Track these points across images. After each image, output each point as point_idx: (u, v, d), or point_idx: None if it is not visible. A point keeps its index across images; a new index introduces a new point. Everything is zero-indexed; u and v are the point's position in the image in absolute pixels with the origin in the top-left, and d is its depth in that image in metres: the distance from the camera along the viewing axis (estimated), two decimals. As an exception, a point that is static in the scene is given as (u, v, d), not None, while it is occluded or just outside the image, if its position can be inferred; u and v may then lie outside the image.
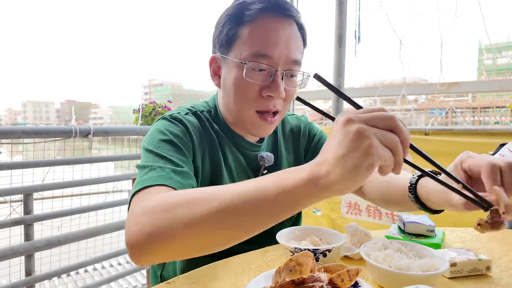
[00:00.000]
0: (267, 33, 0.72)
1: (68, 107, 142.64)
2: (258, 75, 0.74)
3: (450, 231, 0.93)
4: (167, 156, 0.67)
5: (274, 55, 0.73)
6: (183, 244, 0.50)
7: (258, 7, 0.73)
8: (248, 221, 0.48)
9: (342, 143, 0.42)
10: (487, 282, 0.64)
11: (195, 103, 0.90)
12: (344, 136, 0.42)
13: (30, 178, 1.90)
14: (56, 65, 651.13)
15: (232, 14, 0.75)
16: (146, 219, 0.51)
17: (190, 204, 0.49)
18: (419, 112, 21.41)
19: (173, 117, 0.78)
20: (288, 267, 0.54)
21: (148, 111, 2.52)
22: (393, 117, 0.43)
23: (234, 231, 0.49)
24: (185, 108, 0.85)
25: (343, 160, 0.42)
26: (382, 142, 0.42)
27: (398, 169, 0.44)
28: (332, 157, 0.43)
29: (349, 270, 0.51)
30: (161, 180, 0.60)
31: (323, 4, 3.36)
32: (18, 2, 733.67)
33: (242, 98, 0.76)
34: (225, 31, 0.76)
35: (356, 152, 0.41)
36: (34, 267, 1.88)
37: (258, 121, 0.78)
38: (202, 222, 0.48)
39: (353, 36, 2.47)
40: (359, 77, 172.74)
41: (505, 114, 7.63)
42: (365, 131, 0.41)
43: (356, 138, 0.41)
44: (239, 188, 0.48)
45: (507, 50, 7.25)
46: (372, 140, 0.41)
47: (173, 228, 0.49)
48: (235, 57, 0.75)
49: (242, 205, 0.47)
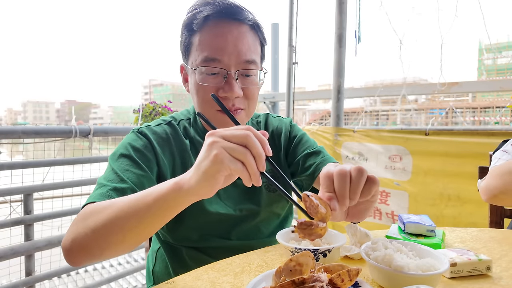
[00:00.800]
0: (214, 38, 0.77)
1: (68, 107, 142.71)
2: (212, 78, 0.79)
3: (450, 231, 0.93)
4: (119, 172, 0.75)
5: (223, 58, 0.77)
6: (97, 245, 0.60)
7: (204, 15, 0.77)
8: (135, 223, 0.58)
9: (200, 153, 0.53)
10: (487, 282, 0.64)
11: (177, 112, 0.98)
12: (203, 148, 0.53)
13: (30, 178, 1.90)
14: (56, 65, 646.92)
15: (186, 24, 0.81)
16: (71, 229, 0.63)
17: (96, 214, 0.61)
18: (419, 112, 21.41)
19: (140, 131, 0.84)
20: (288, 267, 0.54)
21: (148, 111, 2.52)
22: (248, 135, 0.51)
23: (129, 232, 0.59)
24: (161, 118, 0.91)
25: (198, 168, 0.52)
26: (230, 154, 0.50)
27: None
28: (193, 166, 0.54)
29: (349, 270, 0.50)
30: (99, 198, 0.68)
31: (323, 4, 3.37)
32: (18, 2, 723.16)
33: (201, 101, 0.81)
34: (183, 41, 0.83)
35: (206, 160, 0.51)
36: (34, 267, 1.89)
37: (221, 117, 0.81)
38: (104, 227, 0.59)
39: (353, 36, 2.48)
40: (359, 77, 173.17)
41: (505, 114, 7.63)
42: (215, 144, 0.51)
43: (208, 149, 0.51)
44: (132, 196, 0.60)
45: (507, 50, 7.25)
46: (219, 150, 0.50)
47: (87, 234, 0.60)
48: (191, 64, 0.81)
49: (128, 211, 0.58)
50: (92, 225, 0.60)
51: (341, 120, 2.59)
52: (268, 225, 0.95)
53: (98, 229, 0.59)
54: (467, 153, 1.96)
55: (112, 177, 0.74)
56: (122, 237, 0.59)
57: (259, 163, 0.51)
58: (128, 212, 0.58)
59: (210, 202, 0.86)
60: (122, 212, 0.58)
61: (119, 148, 0.81)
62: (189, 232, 0.87)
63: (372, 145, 2.34)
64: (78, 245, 0.61)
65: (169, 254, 0.91)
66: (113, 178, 0.74)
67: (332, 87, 2.59)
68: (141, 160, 0.79)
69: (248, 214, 0.91)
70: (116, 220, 0.58)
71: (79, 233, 0.61)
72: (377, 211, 2.33)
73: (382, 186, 2.29)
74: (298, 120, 21.04)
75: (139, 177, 0.76)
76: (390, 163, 2.26)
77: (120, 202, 0.60)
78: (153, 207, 0.57)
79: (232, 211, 0.88)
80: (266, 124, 1.03)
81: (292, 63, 2.81)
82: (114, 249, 0.61)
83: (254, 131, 0.52)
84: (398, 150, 2.22)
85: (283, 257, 0.75)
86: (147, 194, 0.58)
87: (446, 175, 2.04)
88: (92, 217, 0.61)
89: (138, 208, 0.58)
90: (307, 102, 24.79)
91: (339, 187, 0.55)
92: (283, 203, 0.98)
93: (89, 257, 0.62)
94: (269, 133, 1.01)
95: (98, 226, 0.59)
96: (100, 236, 0.59)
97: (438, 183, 2.07)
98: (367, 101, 19.11)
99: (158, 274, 0.94)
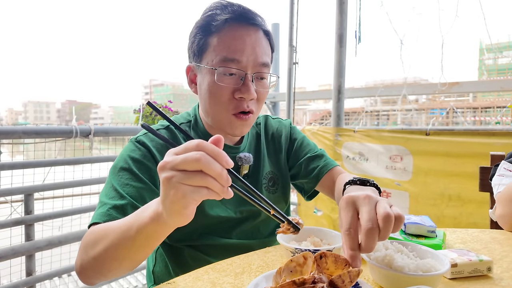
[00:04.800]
0: (233, 40, 0.79)
1: (68, 107, 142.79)
2: (229, 79, 0.80)
3: (451, 232, 0.92)
4: (118, 187, 0.75)
5: (242, 59, 0.79)
6: (99, 271, 0.65)
7: (224, 18, 0.79)
8: (126, 253, 0.61)
9: (161, 190, 0.50)
10: (488, 283, 0.64)
11: (177, 115, 0.99)
12: (161, 183, 0.49)
13: (31, 178, 1.90)
14: (57, 65, 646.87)
15: (202, 25, 0.82)
16: (78, 254, 0.68)
17: (94, 244, 0.64)
18: (420, 112, 21.39)
19: (138, 140, 0.84)
20: (289, 268, 0.54)
21: (149, 111, 2.52)
22: (200, 158, 0.46)
23: (124, 260, 0.62)
24: (160, 123, 0.92)
25: (164, 205, 0.51)
26: (190, 185, 0.47)
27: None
28: (160, 201, 0.52)
29: (350, 271, 0.50)
30: (100, 218, 0.71)
31: (323, 4, 3.37)
32: (19, 2, 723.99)
33: (216, 102, 0.82)
34: (197, 41, 0.83)
35: (167, 200, 0.49)
36: (35, 267, 1.89)
37: (234, 121, 0.83)
38: (101, 257, 0.63)
39: (354, 36, 2.48)
40: (360, 77, 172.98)
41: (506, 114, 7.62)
42: (170, 180, 0.47)
43: (165, 187, 0.48)
44: (122, 225, 0.61)
45: (508, 50, 7.24)
46: (176, 188, 0.47)
47: (89, 262, 0.65)
48: (207, 64, 0.81)
49: (118, 243, 0.60)
50: (92, 255, 0.64)
51: (342, 120, 2.59)
52: (267, 225, 0.97)
53: (97, 258, 0.63)
54: (468, 153, 1.95)
55: (112, 193, 0.75)
56: (118, 264, 0.63)
57: (221, 182, 0.48)
58: (118, 243, 0.60)
59: (211, 206, 0.86)
60: (113, 243, 0.61)
61: (119, 160, 0.81)
62: (189, 232, 0.87)
63: (372, 145, 2.34)
64: (85, 270, 0.66)
65: (169, 254, 0.92)
66: (113, 195, 0.75)
67: (332, 87, 2.58)
68: (141, 171, 0.79)
69: (248, 215, 0.92)
70: (110, 251, 0.62)
71: (83, 260, 0.66)
72: (377, 211, 2.33)
73: (383, 186, 2.29)
74: (299, 120, 21.03)
75: (139, 190, 0.76)
76: (390, 163, 2.26)
77: (112, 232, 0.62)
78: (137, 239, 0.58)
79: (232, 213, 0.89)
80: (265, 126, 1.04)
81: (293, 63, 2.81)
82: (116, 273, 0.66)
83: (206, 148, 0.47)
84: (399, 150, 2.22)
85: (284, 257, 0.75)
86: (130, 225, 0.59)
87: (446, 175, 2.04)
88: (92, 247, 0.65)
89: (125, 240, 0.59)
90: (308, 102, 24.79)
91: (367, 245, 0.52)
92: (282, 204, 1.00)
93: (97, 279, 0.68)
94: (269, 135, 1.03)
95: (96, 256, 0.63)
96: (100, 264, 0.64)
97: (438, 183, 2.06)
98: (368, 101, 19.11)
99: (158, 274, 0.94)
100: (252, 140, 0.99)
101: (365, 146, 2.37)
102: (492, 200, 1.20)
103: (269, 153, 1.01)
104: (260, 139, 1.00)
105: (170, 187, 0.47)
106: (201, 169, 0.46)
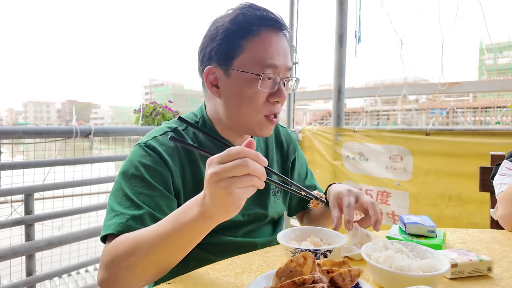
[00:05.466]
0: (270, 45, 0.80)
1: (69, 107, 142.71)
2: (267, 83, 0.81)
3: (451, 232, 0.92)
4: (133, 196, 0.75)
5: (278, 65, 0.81)
6: (133, 281, 0.66)
7: (262, 23, 0.80)
8: (167, 255, 0.65)
9: (212, 194, 0.57)
10: (488, 283, 0.64)
11: (182, 116, 0.96)
12: (213, 191, 0.56)
13: (31, 178, 1.90)
14: (57, 65, 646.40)
15: (232, 28, 0.80)
16: (102, 272, 0.68)
17: (126, 254, 0.65)
18: (420, 112, 21.37)
19: (147, 145, 0.82)
20: (289, 268, 0.54)
21: (149, 111, 2.52)
22: (247, 164, 0.55)
23: (164, 263, 0.66)
24: (167, 126, 0.88)
25: (217, 206, 0.58)
26: (241, 187, 0.56)
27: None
28: (206, 203, 0.58)
29: (350, 270, 0.50)
30: (119, 229, 0.71)
31: (323, 4, 3.36)
32: (19, 2, 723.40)
33: (251, 105, 0.82)
34: (226, 45, 0.81)
35: (224, 204, 0.57)
36: (35, 267, 1.89)
37: (266, 123, 0.85)
38: (138, 264, 0.64)
39: (354, 36, 2.47)
40: (360, 77, 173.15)
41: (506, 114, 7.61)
42: (226, 188, 0.55)
43: (221, 195, 0.56)
44: (158, 231, 0.64)
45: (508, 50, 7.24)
46: (232, 193, 0.55)
47: (122, 273, 0.65)
48: (240, 67, 0.80)
49: (158, 248, 0.63)
50: (125, 266, 0.65)
51: (342, 120, 2.59)
52: (269, 226, 1.00)
53: (133, 268, 0.65)
54: (468, 153, 1.95)
55: (127, 203, 0.74)
56: (157, 268, 0.67)
57: (263, 179, 0.58)
58: (159, 249, 0.64)
59: None
60: (152, 250, 0.64)
61: (129, 167, 0.79)
62: None
63: (372, 145, 2.34)
64: (114, 284, 0.66)
65: None
66: (128, 204, 0.74)
67: (332, 87, 2.58)
68: (154, 178, 0.78)
69: (254, 218, 0.94)
70: (149, 258, 0.64)
71: (112, 273, 0.66)
72: (377, 211, 2.33)
73: (383, 186, 2.29)
74: (299, 120, 21.00)
75: (155, 199, 0.76)
76: (390, 163, 2.26)
77: (147, 240, 0.64)
78: (183, 240, 0.64)
79: (240, 217, 0.90)
80: (276, 132, 1.06)
81: (293, 63, 2.81)
82: (151, 279, 0.68)
83: (249, 154, 0.56)
84: (399, 150, 2.21)
85: (284, 257, 0.75)
86: (170, 229, 0.63)
87: (447, 175, 2.03)
88: (125, 258, 0.65)
89: (166, 244, 0.63)
90: (308, 102, 24.81)
91: (375, 213, 0.81)
92: (283, 206, 1.04)
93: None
94: (279, 142, 1.06)
95: (131, 265, 0.64)
96: (136, 274, 0.65)
97: (439, 183, 2.06)
98: (368, 101, 19.08)
99: None
100: (263, 145, 1.00)
101: (365, 146, 2.37)
102: (492, 200, 1.20)
103: (277, 160, 1.03)
104: (269, 145, 1.02)
105: (225, 194, 0.55)
106: (248, 173, 0.55)
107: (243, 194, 0.57)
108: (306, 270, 0.53)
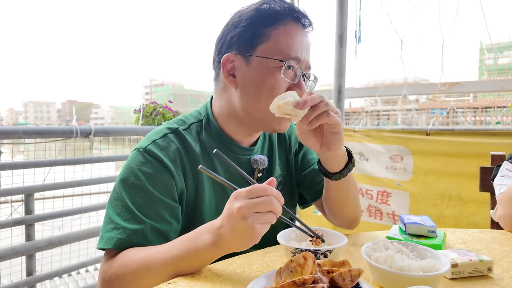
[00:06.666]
0: (296, 38, 0.80)
1: (69, 107, 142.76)
2: (288, 74, 0.80)
3: (451, 232, 0.92)
4: (134, 209, 0.73)
5: (302, 58, 0.80)
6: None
7: (289, 14, 0.80)
8: (176, 274, 0.66)
9: (236, 228, 0.60)
10: (488, 283, 0.64)
11: (186, 114, 0.92)
12: (238, 223, 0.60)
13: (31, 178, 1.90)
14: (57, 65, 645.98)
15: (258, 16, 0.79)
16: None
17: (136, 275, 0.66)
18: (420, 112, 21.38)
19: (147, 150, 0.78)
20: (289, 268, 0.54)
21: (149, 111, 2.52)
22: (272, 201, 0.60)
23: (168, 280, 0.66)
24: (167, 126, 0.84)
25: (237, 238, 0.61)
26: (263, 222, 0.61)
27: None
28: (222, 232, 0.62)
29: (351, 270, 0.50)
30: (119, 246, 0.70)
31: (324, 4, 3.36)
32: (19, 2, 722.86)
33: (270, 96, 0.77)
34: (250, 32, 0.79)
35: (244, 237, 0.61)
36: (35, 267, 1.89)
37: (285, 122, 0.84)
38: (146, 285, 0.65)
39: (354, 36, 2.47)
40: (360, 77, 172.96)
41: (506, 114, 7.61)
42: (252, 223, 0.59)
43: (244, 228, 0.59)
44: (169, 255, 0.66)
45: (508, 50, 7.23)
46: (254, 227, 0.59)
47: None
48: (264, 54, 0.78)
49: (169, 271, 0.65)
50: (136, 285, 0.67)
51: (342, 120, 2.58)
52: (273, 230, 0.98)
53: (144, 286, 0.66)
54: (468, 153, 1.95)
55: (127, 215, 0.72)
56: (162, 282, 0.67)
57: (278, 216, 0.63)
58: (169, 271, 0.66)
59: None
60: (163, 272, 0.66)
61: (128, 174, 0.76)
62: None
63: (373, 145, 2.34)
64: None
65: None
66: (128, 216, 0.72)
67: (332, 87, 2.58)
68: (156, 187, 0.75)
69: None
70: (160, 278, 0.66)
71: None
72: (378, 211, 2.33)
73: (383, 186, 2.29)
74: (299, 120, 20.90)
75: (158, 210, 0.74)
76: (391, 163, 2.25)
77: (157, 263, 0.66)
78: (192, 266, 0.66)
79: None
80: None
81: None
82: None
83: (272, 193, 0.61)
84: (399, 150, 2.21)
85: (284, 257, 0.75)
86: (182, 254, 0.65)
87: (447, 175, 2.03)
88: (134, 279, 0.67)
89: (176, 267, 0.66)
90: (308, 102, 24.65)
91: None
92: (290, 209, 1.01)
93: None
94: (281, 136, 1.02)
95: (143, 285, 0.66)
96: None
97: (439, 183, 2.06)
98: (368, 101, 19.05)
99: None
100: (265, 142, 0.98)
101: (366, 146, 2.37)
102: (493, 201, 1.20)
103: (280, 155, 1.00)
104: (272, 141, 1.00)
105: (248, 227, 0.59)
106: (270, 210, 0.60)
107: (263, 229, 0.61)
108: (307, 270, 0.53)
